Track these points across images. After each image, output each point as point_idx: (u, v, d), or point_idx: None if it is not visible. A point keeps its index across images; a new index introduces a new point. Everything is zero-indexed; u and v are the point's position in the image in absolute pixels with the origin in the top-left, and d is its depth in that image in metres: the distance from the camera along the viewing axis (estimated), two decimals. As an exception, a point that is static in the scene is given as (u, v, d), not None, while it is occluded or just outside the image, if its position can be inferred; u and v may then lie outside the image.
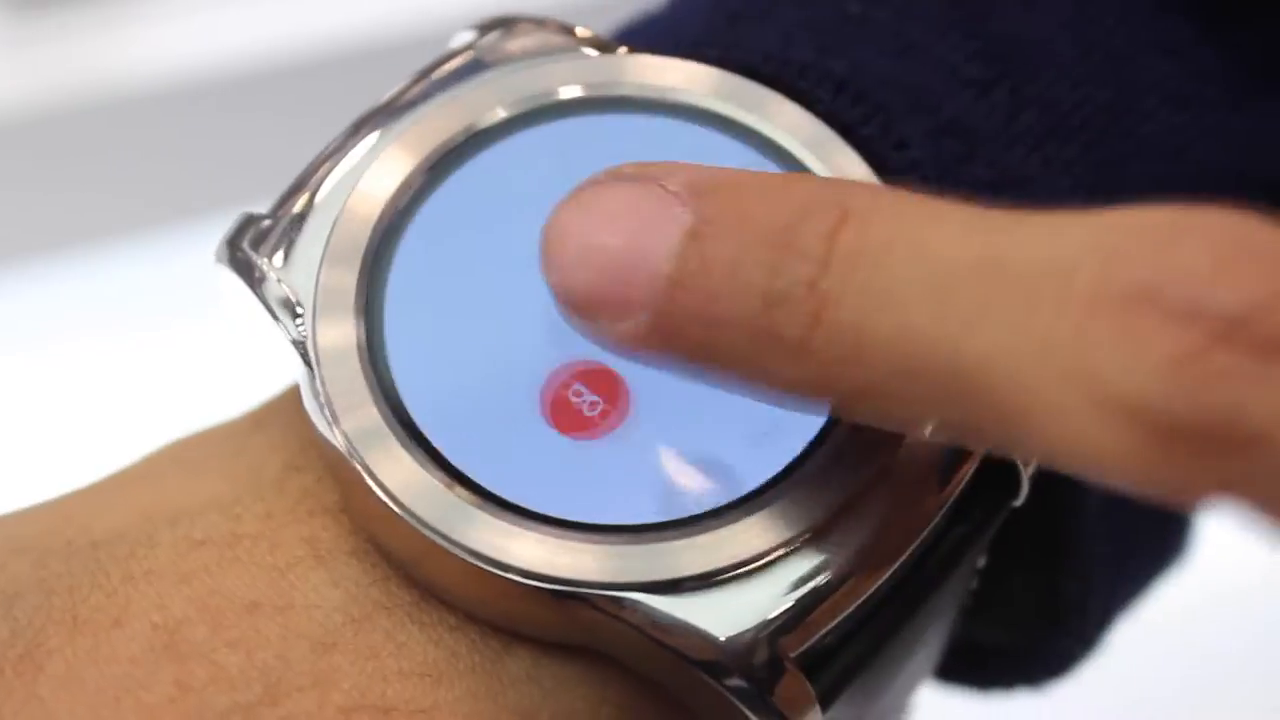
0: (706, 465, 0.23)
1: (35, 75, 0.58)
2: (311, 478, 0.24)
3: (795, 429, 0.23)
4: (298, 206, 0.24)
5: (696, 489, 0.23)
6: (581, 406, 0.23)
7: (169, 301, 0.58)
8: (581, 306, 0.21)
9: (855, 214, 0.20)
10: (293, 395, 0.25)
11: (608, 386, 0.23)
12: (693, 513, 0.22)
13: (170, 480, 0.25)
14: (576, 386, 0.23)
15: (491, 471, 0.23)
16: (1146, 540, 0.27)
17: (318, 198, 0.24)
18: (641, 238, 0.21)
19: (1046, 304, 0.18)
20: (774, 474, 0.23)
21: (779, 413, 0.23)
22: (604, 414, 0.23)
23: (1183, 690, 0.52)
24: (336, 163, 0.25)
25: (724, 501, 0.22)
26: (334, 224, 0.24)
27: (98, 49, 0.58)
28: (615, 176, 0.21)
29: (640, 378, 0.23)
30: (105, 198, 0.61)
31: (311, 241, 0.24)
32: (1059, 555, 0.26)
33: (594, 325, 0.21)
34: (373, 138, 0.25)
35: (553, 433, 0.23)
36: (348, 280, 0.23)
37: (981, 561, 0.25)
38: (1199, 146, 0.26)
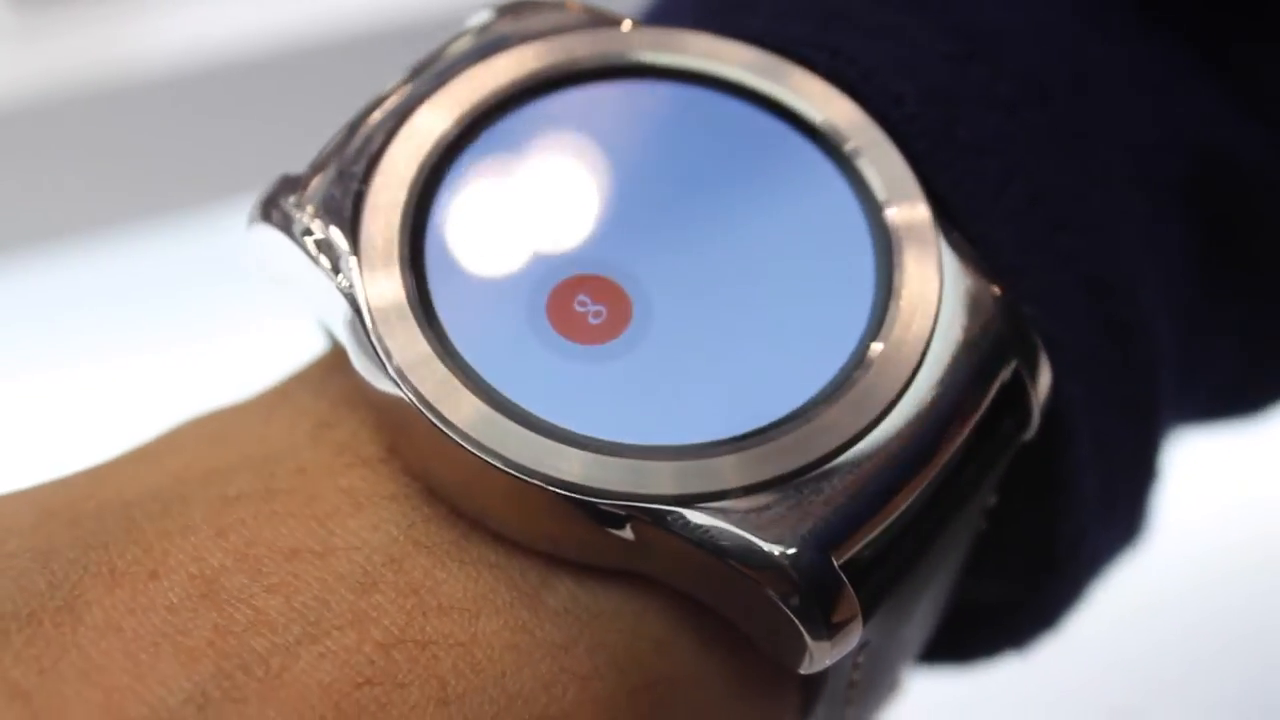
0: (746, 381, 0.24)
1: (42, 65, 0.58)
2: (346, 432, 0.24)
3: (828, 345, 0.24)
4: (338, 161, 0.25)
5: (741, 404, 0.23)
6: (586, 316, 0.24)
7: (178, 289, 0.58)
8: None
9: None
10: (318, 366, 0.26)
11: (612, 298, 0.24)
12: (740, 429, 0.23)
13: (199, 448, 0.25)
14: (580, 297, 0.24)
15: (536, 395, 0.23)
16: (1126, 483, 0.28)
17: (355, 150, 0.25)
18: None
19: None
20: (815, 392, 0.23)
21: (813, 327, 0.24)
22: (615, 323, 0.24)
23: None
24: (378, 117, 0.25)
25: (770, 418, 0.23)
26: (373, 174, 0.24)
27: (104, 38, 0.58)
28: None
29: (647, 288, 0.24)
30: (110, 187, 0.61)
31: (349, 193, 0.24)
32: (1055, 491, 0.27)
33: None
34: (408, 95, 0.25)
35: (575, 346, 0.24)
36: (391, 226, 0.24)
37: (992, 500, 0.26)
38: (1155, 121, 0.28)
